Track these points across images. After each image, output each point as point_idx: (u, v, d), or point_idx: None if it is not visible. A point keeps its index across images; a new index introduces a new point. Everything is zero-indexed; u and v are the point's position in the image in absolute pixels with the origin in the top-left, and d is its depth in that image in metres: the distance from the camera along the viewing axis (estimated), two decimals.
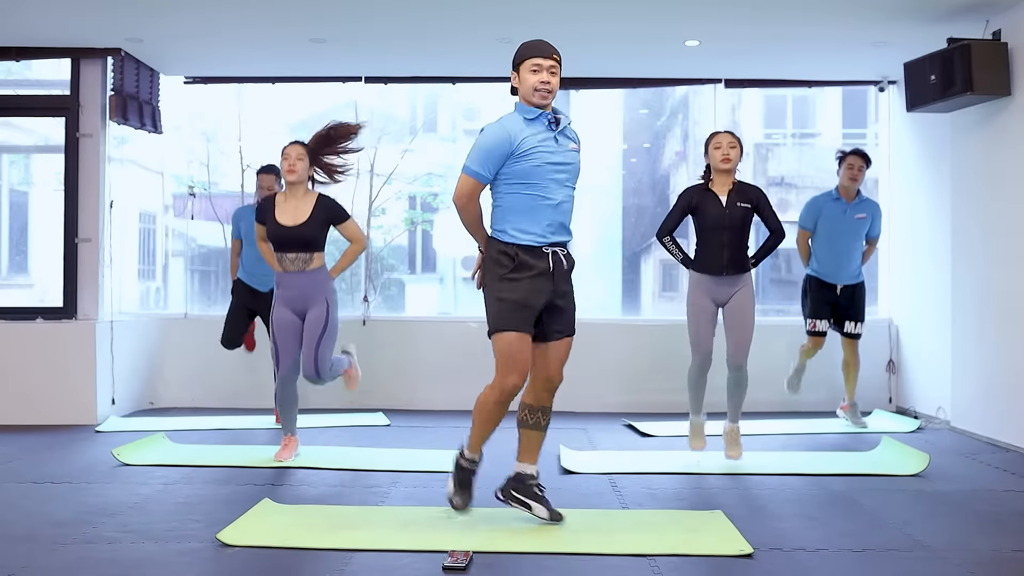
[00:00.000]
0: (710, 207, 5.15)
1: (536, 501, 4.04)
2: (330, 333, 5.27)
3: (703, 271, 5.19)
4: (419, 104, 8.96)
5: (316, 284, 5.26)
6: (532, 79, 3.86)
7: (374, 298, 7.99)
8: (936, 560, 3.61)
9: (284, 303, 5.27)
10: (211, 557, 3.59)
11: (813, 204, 6.62)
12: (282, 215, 5.23)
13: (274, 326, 5.28)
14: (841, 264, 6.50)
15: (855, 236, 6.53)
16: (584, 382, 7.48)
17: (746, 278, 5.20)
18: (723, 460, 5.34)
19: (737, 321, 5.16)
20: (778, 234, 5.23)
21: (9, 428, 6.48)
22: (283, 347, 5.28)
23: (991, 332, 6.13)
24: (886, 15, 6.01)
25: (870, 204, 6.61)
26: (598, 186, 9.38)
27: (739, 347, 5.16)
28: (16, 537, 3.84)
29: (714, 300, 5.20)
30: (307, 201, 5.27)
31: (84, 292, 6.96)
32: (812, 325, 6.55)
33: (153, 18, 6.23)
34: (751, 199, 5.18)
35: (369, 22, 6.29)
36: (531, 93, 3.87)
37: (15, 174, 8.32)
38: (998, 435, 6.02)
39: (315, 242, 5.24)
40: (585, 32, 6.43)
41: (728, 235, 5.13)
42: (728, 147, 5.14)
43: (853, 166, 6.47)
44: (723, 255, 5.13)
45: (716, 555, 3.64)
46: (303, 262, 5.23)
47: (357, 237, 5.42)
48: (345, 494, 4.71)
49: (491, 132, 3.86)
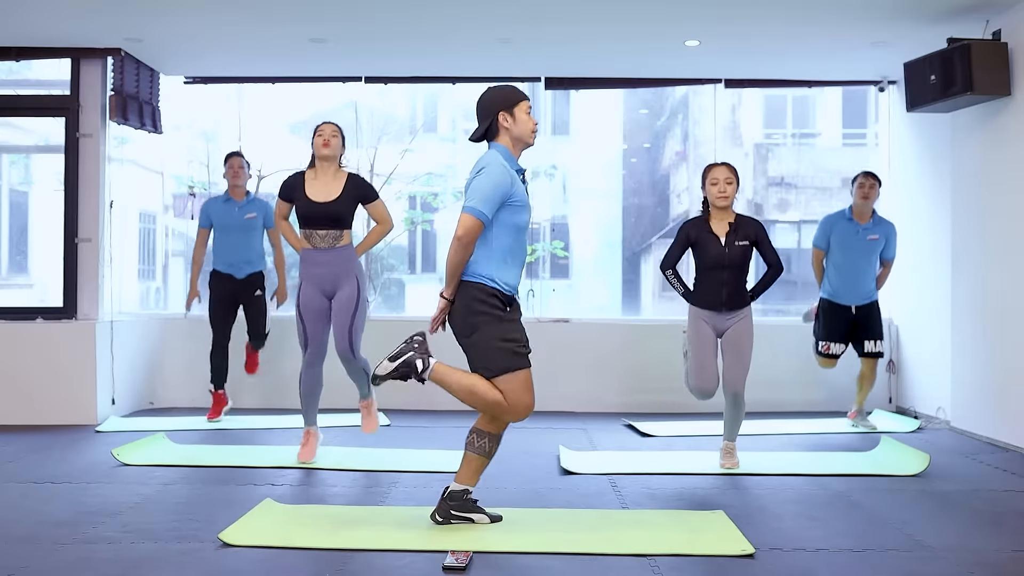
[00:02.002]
0: (709, 246, 5.14)
1: (476, 512, 4.01)
2: (362, 310, 5.27)
3: (702, 307, 5.19)
4: (419, 104, 8.97)
5: (345, 261, 5.24)
6: (530, 122, 3.94)
7: (374, 298, 7.99)
8: (936, 560, 3.61)
9: (312, 282, 5.22)
10: (211, 557, 3.59)
11: (826, 223, 6.61)
12: (313, 192, 5.21)
13: (302, 309, 5.24)
14: (854, 284, 6.49)
15: (868, 257, 6.51)
16: (584, 382, 7.50)
17: (745, 311, 5.20)
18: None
19: (735, 349, 5.15)
20: (776, 268, 5.21)
21: (9, 428, 6.48)
22: (312, 330, 5.23)
23: (991, 332, 6.13)
24: (886, 15, 6.01)
25: (885, 225, 6.57)
26: (598, 186, 9.39)
27: (736, 374, 5.14)
28: (16, 537, 3.84)
29: (714, 328, 5.19)
30: (339, 179, 5.27)
31: (84, 292, 6.96)
32: (826, 348, 6.55)
33: (153, 18, 6.23)
34: (750, 236, 5.16)
35: (369, 22, 6.29)
36: (529, 135, 3.94)
37: (15, 174, 8.33)
38: (998, 435, 6.02)
39: (346, 219, 5.24)
40: (585, 32, 6.44)
41: (727, 274, 5.13)
42: (724, 183, 5.10)
43: (864, 184, 6.47)
44: (722, 292, 5.13)
45: (717, 555, 3.64)
46: (333, 239, 5.22)
47: (385, 218, 5.42)
48: (345, 494, 4.71)
49: (496, 175, 3.82)
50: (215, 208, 6.73)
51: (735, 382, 5.15)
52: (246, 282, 6.72)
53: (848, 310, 6.50)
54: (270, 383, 7.12)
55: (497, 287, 3.85)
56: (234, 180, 6.70)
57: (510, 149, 3.93)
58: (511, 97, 3.94)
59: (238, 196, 6.71)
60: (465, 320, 3.86)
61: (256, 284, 6.75)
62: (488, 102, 3.95)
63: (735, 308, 5.15)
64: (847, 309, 6.50)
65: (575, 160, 9.04)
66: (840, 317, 6.51)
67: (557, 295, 7.96)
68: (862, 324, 6.52)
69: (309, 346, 5.26)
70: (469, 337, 3.87)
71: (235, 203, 6.69)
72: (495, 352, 3.84)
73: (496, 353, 3.84)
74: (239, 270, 6.69)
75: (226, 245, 6.69)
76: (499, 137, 3.93)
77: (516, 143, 3.95)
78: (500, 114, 3.91)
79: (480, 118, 3.97)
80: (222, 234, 6.70)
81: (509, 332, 3.86)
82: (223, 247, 6.70)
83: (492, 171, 3.83)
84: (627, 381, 7.51)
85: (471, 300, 3.84)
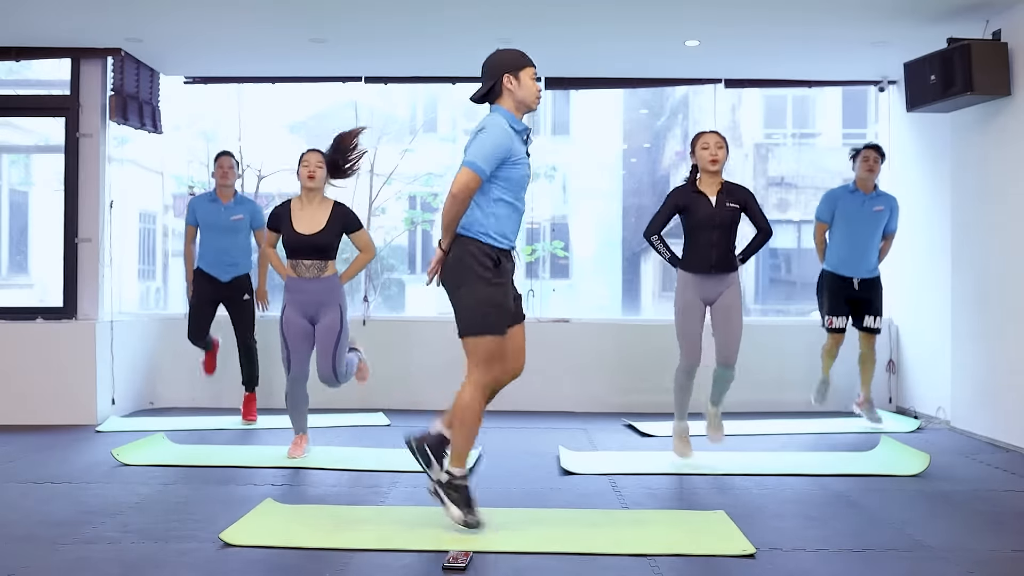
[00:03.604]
0: (700, 207, 5.16)
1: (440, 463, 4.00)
2: (344, 337, 5.39)
3: (691, 270, 5.19)
4: (419, 104, 8.97)
5: (329, 290, 5.37)
6: (534, 87, 3.98)
7: (374, 298, 7.99)
8: (936, 560, 3.61)
9: (296, 308, 5.35)
10: (211, 557, 3.59)
11: (830, 196, 6.62)
12: (299, 223, 5.34)
13: (286, 331, 5.36)
14: (859, 257, 6.49)
15: (873, 228, 6.51)
16: (584, 382, 7.50)
17: (734, 277, 5.22)
18: (722, 461, 5.33)
19: (725, 319, 5.17)
20: (766, 233, 5.27)
21: (9, 428, 6.48)
22: (295, 351, 5.36)
23: (991, 332, 6.13)
24: (886, 15, 6.01)
25: (888, 198, 6.60)
26: (598, 186, 9.39)
27: (728, 345, 5.16)
28: (16, 537, 3.84)
29: (702, 298, 5.20)
30: (323, 209, 5.39)
31: (84, 292, 6.96)
32: (830, 322, 6.54)
33: (153, 18, 6.23)
34: (739, 200, 5.20)
35: (369, 22, 6.29)
36: (533, 99, 3.98)
37: (15, 174, 8.32)
38: (998, 435, 6.02)
39: (330, 249, 5.37)
40: (585, 32, 6.44)
41: (717, 235, 5.15)
42: (716, 148, 5.14)
43: (869, 158, 6.48)
44: (711, 254, 5.14)
45: (718, 555, 3.64)
46: (318, 269, 5.34)
47: (368, 247, 5.57)
48: (345, 494, 4.71)
49: (498, 132, 3.87)
50: (201, 206, 6.70)
51: (729, 354, 5.17)
52: (231, 285, 6.68)
53: (850, 282, 6.50)
54: (270, 384, 7.11)
55: (493, 241, 3.88)
56: (223, 180, 6.66)
57: (513, 112, 3.95)
58: (518, 61, 3.97)
59: (225, 197, 6.68)
60: (454, 272, 3.91)
61: (243, 288, 6.72)
62: (494, 64, 3.97)
63: (724, 271, 5.15)
64: (849, 281, 6.50)
65: (575, 160, 9.04)
66: (842, 289, 6.51)
67: (557, 295, 7.96)
68: (864, 298, 6.52)
69: (292, 367, 5.39)
70: (455, 290, 3.92)
71: (221, 204, 6.66)
72: (470, 312, 3.88)
73: (470, 312, 3.88)
74: (223, 272, 6.65)
75: (211, 245, 6.66)
76: (502, 99, 3.95)
77: (519, 106, 3.97)
78: (505, 76, 3.94)
79: (485, 79, 3.98)
80: (207, 233, 6.67)
81: (492, 296, 3.88)
82: (207, 247, 6.68)
83: (493, 131, 3.87)
84: (627, 381, 7.50)
85: (464, 254, 3.88)
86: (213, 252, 6.66)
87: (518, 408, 7.03)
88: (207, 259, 6.68)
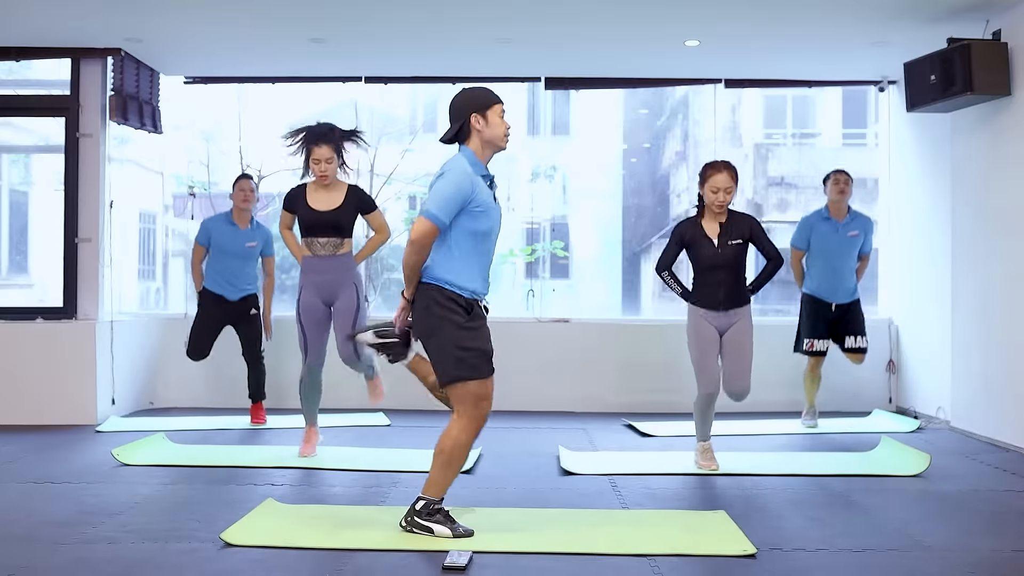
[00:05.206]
0: (703, 248, 5.13)
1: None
2: (362, 315, 5.39)
3: (701, 305, 5.17)
4: (419, 104, 8.97)
5: (345, 268, 5.38)
6: (503, 126, 3.86)
7: (374, 298, 7.99)
8: (936, 560, 3.61)
9: (312, 289, 5.34)
10: (211, 557, 3.59)
11: (805, 223, 6.64)
12: (315, 201, 5.35)
13: (303, 316, 5.36)
14: (837, 282, 6.52)
15: (849, 253, 6.54)
16: (584, 382, 7.50)
17: (745, 310, 5.18)
18: (722, 461, 5.31)
19: (735, 350, 5.13)
20: (776, 261, 5.21)
21: (9, 428, 6.48)
22: (311, 336, 5.37)
23: (991, 332, 6.13)
24: (886, 15, 6.01)
25: (862, 219, 6.64)
26: (598, 186, 9.40)
27: (739, 375, 5.12)
28: (16, 537, 3.84)
29: (716, 327, 5.17)
30: (339, 189, 5.41)
31: (84, 292, 6.96)
32: (810, 345, 6.55)
33: (153, 18, 6.23)
34: (743, 234, 5.14)
35: (369, 22, 6.29)
36: (501, 138, 3.86)
37: (15, 174, 8.33)
38: (998, 435, 6.02)
39: (347, 227, 5.38)
40: (585, 32, 6.44)
41: (723, 274, 5.12)
42: (724, 193, 5.06)
43: (839, 180, 6.52)
44: (719, 292, 5.12)
45: (719, 555, 3.64)
46: (334, 246, 5.35)
47: (382, 227, 5.59)
48: (346, 494, 4.71)
49: (458, 178, 3.75)
50: (217, 229, 6.63)
51: (742, 383, 5.14)
52: (240, 304, 6.66)
53: (829, 307, 6.52)
54: (270, 384, 7.10)
55: (456, 291, 3.78)
56: (242, 204, 6.58)
57: (479, 153, 3.84)
58: (485, 99, 3.85)
59: (243, 222, 6.62)
60: (423, 322, 3.82)
61: (251, 303, 6.71)
62: (460, 103, 3.86)
63: (734, 306, 5.15)
64: (828, 306, 6.52)
65: (575, 160, 9.04)
66: (822, 313, 6.53)
67: (557, 295, 7.96)
68: (843, 320, 6.53)
69: (309, 351, 5.39)
70: (428, 340, 3.83)
71: (238, 229, 6.60)
72: (448, 359, 3.78)
73: (449, 360, 3.77)
74: (232, 293, 6.64)
75: (221, 267, 6.62)
76: (470, 140, 3.84)
77: (487, 146, 3.86)
78: (472, 116, 3.82)
79: (452, 119, 3.88)
80: (219, 255, 6.62)
81: (466, 340, 3.77)
82: (218, 268, 6.63)
83: (453, 176, 3.76)
84: (627, 381, 7.50)
85: (429, 302, 3.79)
86: (224, 273, 6.60)
87: (518, 408, 7.03)
88: (216, 279, 6.63)
